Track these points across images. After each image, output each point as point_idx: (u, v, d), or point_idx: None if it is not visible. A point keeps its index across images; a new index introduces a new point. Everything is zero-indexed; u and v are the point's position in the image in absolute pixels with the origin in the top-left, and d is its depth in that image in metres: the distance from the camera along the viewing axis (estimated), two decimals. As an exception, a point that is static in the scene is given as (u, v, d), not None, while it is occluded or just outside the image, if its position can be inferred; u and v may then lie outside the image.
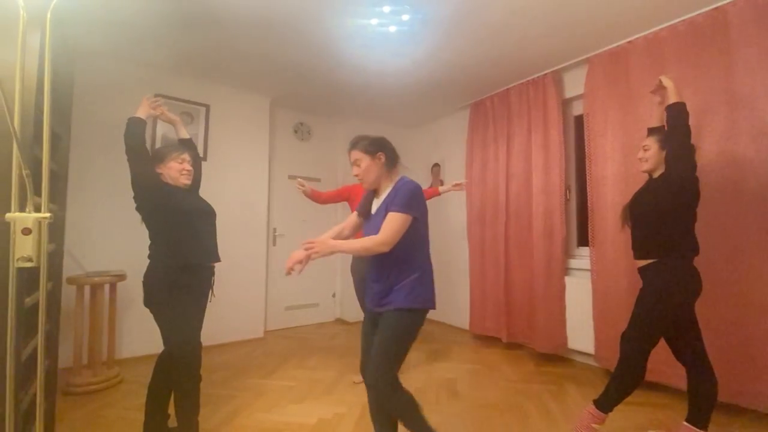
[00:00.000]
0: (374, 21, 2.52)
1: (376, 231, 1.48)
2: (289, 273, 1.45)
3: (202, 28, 2.66)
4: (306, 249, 1.43)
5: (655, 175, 1.89)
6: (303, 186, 2.68)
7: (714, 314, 2.18)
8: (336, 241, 1.50)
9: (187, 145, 2.08)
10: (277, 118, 4.28)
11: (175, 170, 1.88)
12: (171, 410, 1.81)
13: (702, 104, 2.32)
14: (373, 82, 3.55)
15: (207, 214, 1.93)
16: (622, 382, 1.76)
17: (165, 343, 1.75)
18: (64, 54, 1.81)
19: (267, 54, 3.03)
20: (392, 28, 2.60)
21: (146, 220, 1.81)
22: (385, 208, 1.51)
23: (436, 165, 4.69)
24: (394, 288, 1.53)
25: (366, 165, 1.59)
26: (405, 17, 2.47)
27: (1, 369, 1.15)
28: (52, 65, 1.26)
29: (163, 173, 1.86)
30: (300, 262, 1.43)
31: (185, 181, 1.91)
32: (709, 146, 2.29)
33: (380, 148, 1.60)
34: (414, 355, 3.27)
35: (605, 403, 1.79)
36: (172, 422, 1.85)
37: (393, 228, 1.46)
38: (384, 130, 4.89)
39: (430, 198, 3.00)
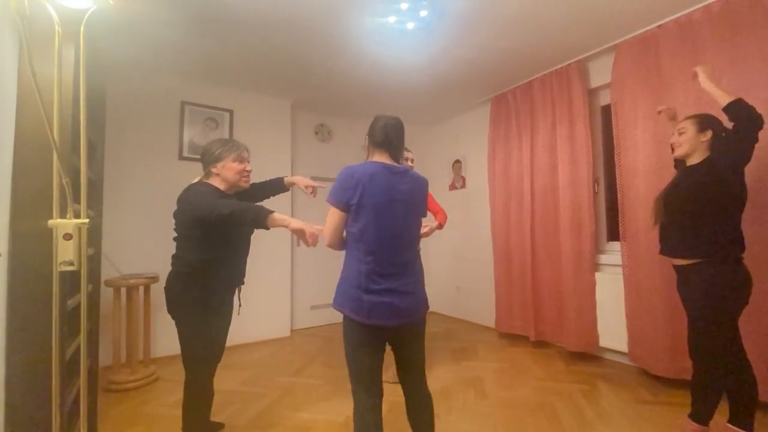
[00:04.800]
0: (392, 18, 2.51)
1: None
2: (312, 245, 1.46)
3: (224, 35, 2.72)
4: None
5: (690, 162, 1.76)
6: None
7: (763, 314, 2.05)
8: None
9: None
10: (298, 121, 4.34)
11: (235, 171, 1.67)
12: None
13: (741, 91, 2.18)
14: (392, 80, 3.53)
15: (248, 236, 1.78)
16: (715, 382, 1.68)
17: (182, 358, 1.66)
18: (97, 66, 1.89)
19: (287, 57, 3.06)
20: (410, 25, 2.58)
21: (184, 227, 1.64)
22: None
23: (458, 161, 4.63)
24: None
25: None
26: (423, 13, 2.44)
27: (47, 368, 1.22)
28: (86, 77, 1.31)
29: (220, 174, 1.66)
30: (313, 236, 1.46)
31: (244, 185, 1.72)
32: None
33: (368, 132, 1.51)
34: (439, 354, 3.25)
35: (702, 414, 1.73)
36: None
37: (326, 222, 1.41)
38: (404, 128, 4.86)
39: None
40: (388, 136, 1.46)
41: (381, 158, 1.46)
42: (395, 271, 1.38)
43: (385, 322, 1.36)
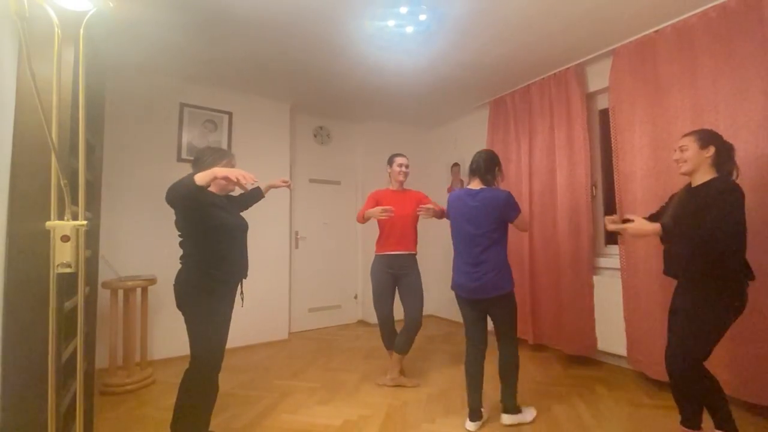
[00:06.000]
0: (391, 22, 2.52)
1: None
2: None
3: (223, 38, 2.72)
4: None
5: (696, 179, 1.72)
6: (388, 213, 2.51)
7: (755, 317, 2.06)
8: None
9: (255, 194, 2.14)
10: (297, 123, 4.34)
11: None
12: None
13: (738, 94, 2.21)
14: (391, 84, 3.55)
15: (243, 230, 1.89)
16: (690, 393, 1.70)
17: (191, 348, 1.69)
18: (96, 68, 1.90)
19: (286, 59, 3.07)
20: (409, 29, 2.59)
21: (183, 228, 1.74)
22: None
23: (456, 165, 4.64)
24: None
25: None
26: (422, 17, 2.45)
27: (43, 370, 1.21)
28: (86, 79, 1.31)
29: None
30: None
31: (232, 188, 1.85)
32: (747, 137, 2.17)
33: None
34: (437, 357, 3.24)
35: (690, 420, 1.73)
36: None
37: None
38: (403, 131, 4.88)
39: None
40: (478, 165, 2.10)
41: (474, 183, 2.12)
42: (468, 260, 2.06)
43: (461, 294, 2.13)
